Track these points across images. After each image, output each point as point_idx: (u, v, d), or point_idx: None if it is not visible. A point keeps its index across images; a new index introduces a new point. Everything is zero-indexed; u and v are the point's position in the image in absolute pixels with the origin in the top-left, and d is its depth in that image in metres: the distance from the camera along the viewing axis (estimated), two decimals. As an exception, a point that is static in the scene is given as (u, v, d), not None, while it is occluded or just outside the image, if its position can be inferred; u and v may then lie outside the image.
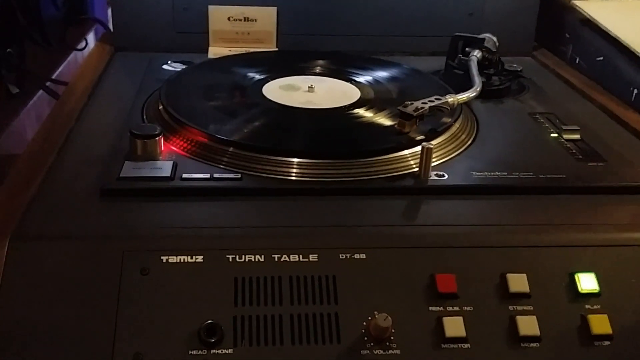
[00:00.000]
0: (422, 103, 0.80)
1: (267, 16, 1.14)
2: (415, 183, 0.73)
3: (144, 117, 0.85)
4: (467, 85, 0.92)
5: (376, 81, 0.96)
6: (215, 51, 1.13)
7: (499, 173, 0.75)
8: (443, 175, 0.74)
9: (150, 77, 1.00)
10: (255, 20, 1.14)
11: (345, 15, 1.16)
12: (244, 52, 1.13)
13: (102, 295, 0.59)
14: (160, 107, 0.84)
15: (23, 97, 1.08)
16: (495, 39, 1.03)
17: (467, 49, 1.01)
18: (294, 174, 0.72)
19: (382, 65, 1.02)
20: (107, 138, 0.80)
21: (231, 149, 0.75)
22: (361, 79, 0.97)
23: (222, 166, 0.74)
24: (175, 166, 0.73)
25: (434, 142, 0.78)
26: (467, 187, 0.73)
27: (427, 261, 0.63)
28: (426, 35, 1.18)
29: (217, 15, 1.13)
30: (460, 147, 0.81)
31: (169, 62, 1.06)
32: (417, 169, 0.74)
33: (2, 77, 1.08)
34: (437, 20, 1.18)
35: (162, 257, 0.61)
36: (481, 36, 1.02)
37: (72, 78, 1.01)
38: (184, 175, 0.71)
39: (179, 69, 1.03)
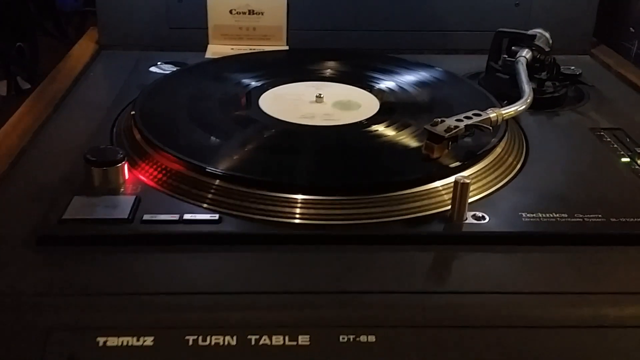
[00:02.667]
0: (457, 120, 0.62)
1: (275, 9, 0.98)
2: (445, 228, 0.56)
3: (113, 135, 0.70)
4: (514, 93, 0.75)
5: (400, 88, 0.79)
6: (215, 50, 0.97)
7: (557, 215, 0.57)
8: (483, 218, 0.57)
9: (133, 81, 0.85)
10: (262, 14, 0.98)
11: (367, 7, 0.99)
12: (248, 50, 0.96)
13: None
14: (132, 123, 0.68)
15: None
16: (548, 35, 0.85)
17: (513, 47, 0.83)
18: (284, 215, 0.56)
19: (407, 66, 0.85)
20: (63, 162, 0.65)
21: (208, 180, 0.58)
22: (382, 84, 0.79)
23: (198, 203, 0.57)
24: (137, 203, 0.57)
25: (471, 169, 0.61)
26: (516, 235, 0.55)
27: (461, 348, 0.45)
28: (462, 30, 1.01)
29: (218, 7, 0.97)
30: (506, 176, 0.63)
31: (159, 63, 0.91)
32: (449, 208, 0.57)
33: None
34: (476, 11, 1.00)
35: (97, 339, 0.45)
36: (531, 32, 0.84)
37: (44, 81, 0.86)
38: (146, 217, 0.55)
39: (168, 72, 0.87)
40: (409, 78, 0.81)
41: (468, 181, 0.55)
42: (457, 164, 0.61)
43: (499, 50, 0.85)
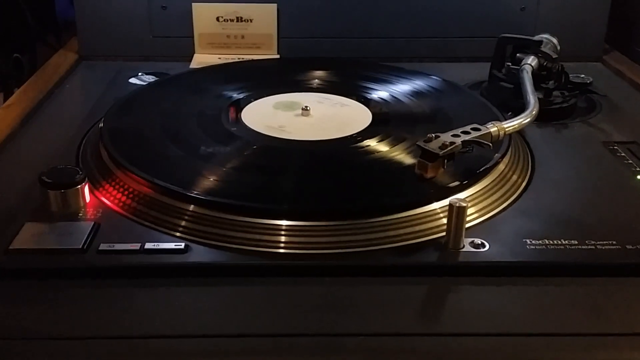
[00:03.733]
0: (453, 136, 0.56)
1: (265, 15, 0.92)
2: (440, 258, 0.49)
3: (80, 153, 0.64)
4: (518, 103, 0.69)
5: (394, 98, 0.73)
6: (201, 59, 0.91)
7: (567, 242, 0.51)
8: (482, 245, 0.50)
9: (111, 93, 0.79)
10: (251, 21, 0.92)
11: (363, 13, 0.93)
12: (237, 60, 0.91)
13: None
14: (101, 139, 0.62)
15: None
16: (555, 40, 0.79)
17: (518, 54, 0.77)
18: (260, 243, 0.50)
19: (402, 75, 0.78)
20: (21, 184, 0.59)
21: (175, 203, 0.53)
22: (374, 95, 0.73)
23: (164, 229, 0.51)
24: (94, 231, 0.51)
25: (471, 190, 0.55)
26: (520, 265, 0.49)
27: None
28: (463, 36, 0.95)
29: (204, 14, 0.92)
30: (509, 197, 0.57)
31: (139, 74, 0.85)
32: (444, 234, 0.50)
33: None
34: (478, 16, 0.94)
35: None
36: (537, 38, 0.78)
37: (15, 94, 0.80)
38: (102, 246, 0.49)
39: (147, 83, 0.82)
40: (404, 88, 0.75)
41: (465, 204, 0.48)
42: (456, 183, 0.55)
43: (503, 57, 0.79)
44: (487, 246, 0.50)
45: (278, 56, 0.93)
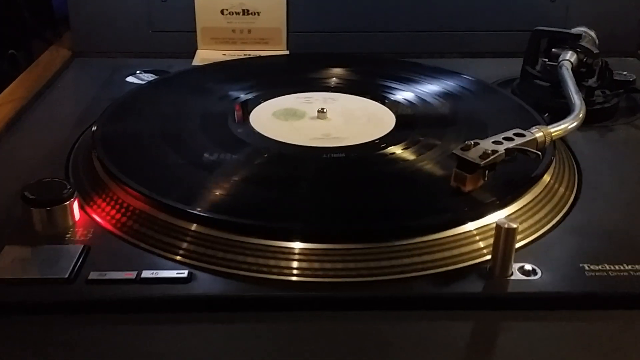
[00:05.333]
0: (494, 143, 0.49)
1: (273, 8, 0.85)
2: (486, 287, 0.42)
3: (70, 163, 0.57)
4: (555, 103, 0.63)
5: (420, 99, 0.65)
6: (204, 56, 0.84)
7: (630, 267, 0.44)
8: (534, 272, 0.43)
9: (106, 94, 0.72)
10: (258, 14, 0.85)
11: (378, 5, 0.86)
12: (243, 56, 0.84)
13: None
14: (93, 147, 0.55)
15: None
16: (593, 34, 0.72)
17: (554, 49, 0.70)
18: (273, 270, 0.43)
19: (428, 73, 0.71)
20: (1, 198, 0.52)
21: (176, 222, 0.46)
22: (398, 95, 0.66)
23: (165, 253, 0.45)
24: (84, 255, 0.44)
25: (513, 206, 0.48)
26: (579, 296, 0.42)
27: None
28: (488, 30, 0.88)
29: (207, 7, 0.85)
30: (557, 212, 0.50)
31: (137, 72, 0.78)
32: (485, 259, 0.44)
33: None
34: (503, 8, 0.86)
35: None
36: (575, 31, 0.70)
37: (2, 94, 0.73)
38: (92, 275, 0.42)
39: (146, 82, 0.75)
40: (430, 87, 0.67)
41: (515, 225, 0.41)
42: (493, 199, 0.48)
43: (537, 52, 0.72)
44: (539, 273, 0.43)
45: (287, 52, 0.86)
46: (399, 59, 0.78)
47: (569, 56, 0.68)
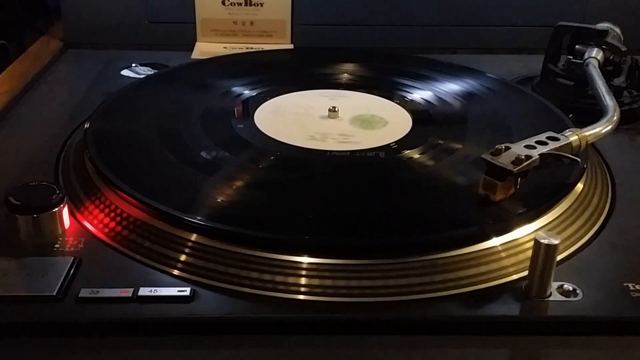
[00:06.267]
0: (527, 147, 0.45)
1: (278, -2, 0.80)
2: (523, 310, 0.38)
3: (60, 164, 0.52)
4: (579, 104, 0.59)
5: (438, 99, 0.61)
6: (204, 49, 0.80)
7: (680, 287, 0.40)
8: (574, 292, 0.39)
9: (100, 88, 0.68)
10: (262, 5, 0.81)
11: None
12: (245, 50, 0.79)
13: None
14: (86, 148, 0.50)
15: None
16: (618, 30, 0.68)
17: (577, 46, 0.66)
18: (279, 287, 0.39)
19: (446, 71, 0.67)
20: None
21: (176, 232, 0.42)
22: (414, 94, 0.62)
23: (164, 267, 0.40)
24: (75, 269, 0.40)
25: (546, 218, 0.44)
26: (627, 321, 0.38)
27: None
28: (502, 24, 0.83)
29: (207, -3, 0.80)
30: (593, 224, 0.46)
31: (133, 65, 0.74)
32: (513, 279, 0.40)
33: None
34: (519, 1, 0.82)
35: None
36: (600, 27, 0.66)
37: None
38: (83, 293, 0.38)
39: (143, 76, 0.70)
40: (449, 86, 0.63)
41: (556, 242, 0.37)
42: (523, 210, 0.43)
43: (559, 49, 0.68)
44: (580, 293, 0.39)
45: (292, 46, 0.81)
46: (412, 55, 0.74)
47: (595, 53, 0.63)
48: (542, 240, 0.37)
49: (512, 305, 0.38)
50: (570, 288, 0.39)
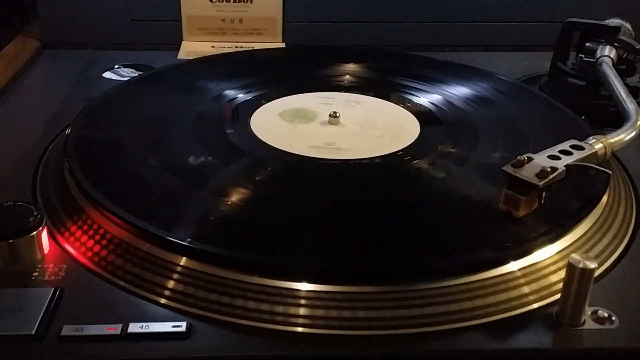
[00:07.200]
0: (550, 158, 0.41)
1: (268, -6, 0.76)
2: (556, 340, 0.34)
3: (38, 179, 0.48)
4: (594, 105, 0.57)
5: (447, 102, 0.57)
6: (191, 48, 0.76)
7: None
8: (610, 320, 0.36)
9: (79, 92, 0.63)
10: (251, 1, 0.77)
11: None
12: (234, 49, 0.75)
13: None
14: (66, 161, 0.46)
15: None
16: (629, 26, 0.64)
17: (588, 44, 0.62)
18: (275, 318, 0.35)
19: (454, 72, 0.63)
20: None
21: (166, 257, 0.37)
22: (421, 97, 0.58)
23: (155, 297, 0.36)
24: (56, 301, 0.35)
25: (570, 236, 0.40)
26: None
27: None
28: (504, 20, 0.80)
29: (193, -7, 0.76)
30: (621, 239, 0.43)
31: (116, 66, 0.69)
32: (537, 306, 0.36)
33: None
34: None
35: None
36: (611, 22, 0.63)
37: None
38: (66, 330, 0.34)
39: (128, 78, 0.66)
40: (456, 87, 0.59)
41: (593, 265, 0.34)
42: (546, 229, 0.40)
43: (568, 46, 0.64)
44: (616, 321, 0.35)
45: (283, 44, 0.77)
46: (416, 54, 0.70)
47: (608, 51, 0.60)
48: (577, 264, 0.34)
49: (541, 335, 0.35)
50: (606, 314, 0.36)
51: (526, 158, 0.40)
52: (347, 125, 0.52)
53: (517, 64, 0.73)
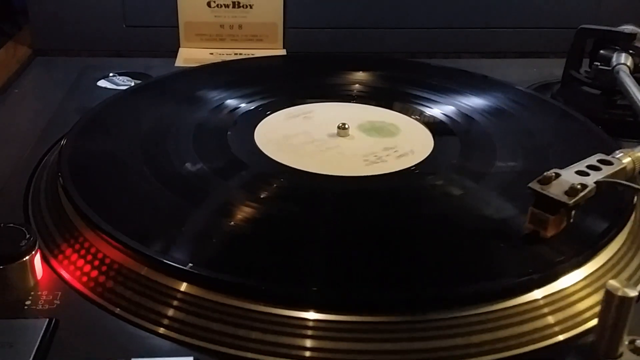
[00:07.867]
0: (578, 174, 0.39)
1: (269, 0, 0.74)
2: (591, 376, 0.32)
3: (30, 197, 0.45)
4: (610, 114, 0.56)
5: (462, 114, 0.54)
6: (189, 55, 0.73)
7: None
8: (648, 349, 0.33)
9: (72, 102, 0.61)
10: (251, 7, 0.74)
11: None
12: (233, 56, 0.72)
13: None
14: (60, 179, 0.43)
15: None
16: (642, 32, 0.62)
17: (601, 51, 0.60)
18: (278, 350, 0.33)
19: (468, 81, 0.60)
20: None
21: (168, 282, 0.35)
22: (434, 109, 0.55)
23: (160, 327, 0.34)
24: (50, 334, 0.33)
25: (599, 259, 0.38)
26: None
27: None
28: (510, 26, 0.78)
29: (191, -1, 0.73)
30: (650, 259, 0.40)
31: (111, 74, 0.67)
32: (559, 339, 0.34)
33: None
34: (528, 2, 0.76)
35: None
36: (626, 29, 0.61)
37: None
38: (61, 369, 0.31)
39: (123, 87, 0.63)
40: (469, 97, 0.56)
41: (634, 294, 0.31)
42: (572, 253, 0.37)
43: (581, 54, 0.62)
44: (656, 351, 0.33)
45: (284, 51, 0.75)
46: (426, 63, 0.68)
47: (624, 59, 0.58)
48: (616, 292, 0.31)
49: (575, 367, 0.32)
50: (644, 343, 0.33)
51: (554, 174, 0.38)
52: (357, 138, 0.50)
53: (526, 71, 0.71)
